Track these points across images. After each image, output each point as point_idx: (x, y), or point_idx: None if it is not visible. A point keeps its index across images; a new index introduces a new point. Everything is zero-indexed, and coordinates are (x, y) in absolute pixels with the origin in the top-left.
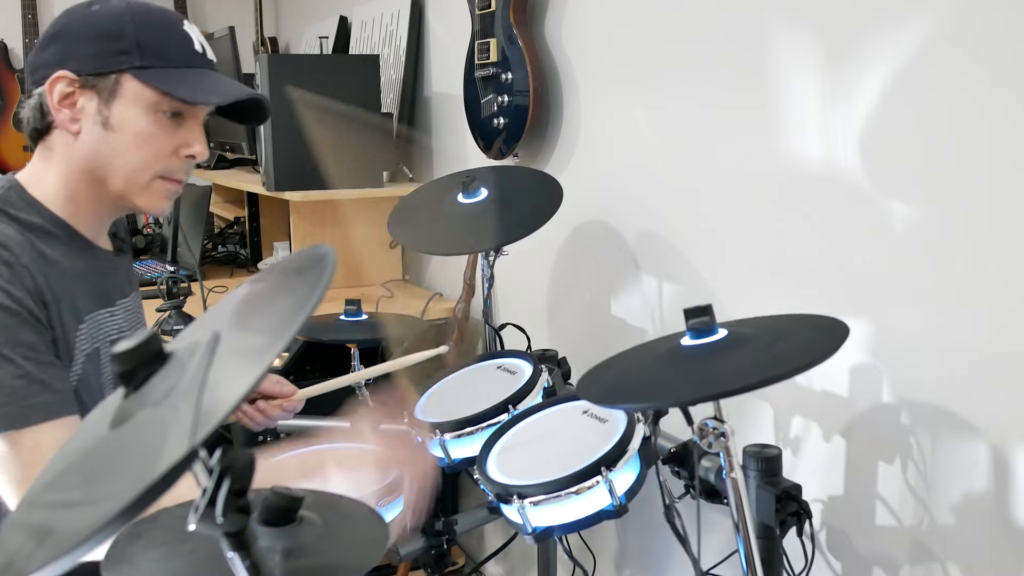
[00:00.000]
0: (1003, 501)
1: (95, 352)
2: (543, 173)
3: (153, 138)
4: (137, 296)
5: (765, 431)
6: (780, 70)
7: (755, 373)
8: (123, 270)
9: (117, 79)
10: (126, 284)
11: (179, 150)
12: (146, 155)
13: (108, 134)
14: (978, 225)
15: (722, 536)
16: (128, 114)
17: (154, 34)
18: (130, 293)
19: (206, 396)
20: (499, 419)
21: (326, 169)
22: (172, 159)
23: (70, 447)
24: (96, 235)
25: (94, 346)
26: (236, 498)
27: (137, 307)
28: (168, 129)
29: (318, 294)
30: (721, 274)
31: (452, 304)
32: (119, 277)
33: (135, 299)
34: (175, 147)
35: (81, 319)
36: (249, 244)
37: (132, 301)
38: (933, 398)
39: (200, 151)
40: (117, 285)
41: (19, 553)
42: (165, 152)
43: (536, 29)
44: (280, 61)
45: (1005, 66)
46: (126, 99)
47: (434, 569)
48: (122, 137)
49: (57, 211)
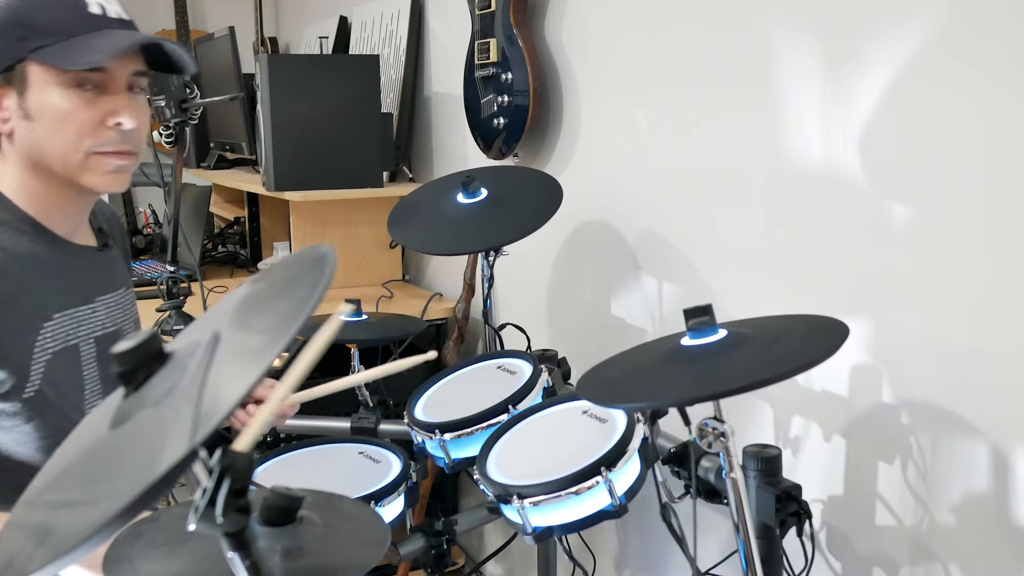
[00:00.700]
0: (1003, 501)
1: (70, 349)
2: (543, 173)
3: (72, 116)
4: (128, 291)
5: (765, 431)
6: (780, 70)
7: (755, 373)
8: (107, 265)
9: (23, 68)
10: (111, 279)
11: (105, 120)
12: (69, 135)
13: (32, 124)
14: (978, 225)
15: (722, 536)
16: (41, 99)
17: (44, 11)
18: (117, 288)
19: (206, 396)
20: (499, 419)
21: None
22: (100, 131)
23: (70, 447)
24: (71, 230)
25: (68, 343)
26: (236, 498)
27: (126, 302)
28: (87, 102)
29: (318, 294)
30: (721, 274)
31: (452, 304)
32: (100, 273)
33: (125, 294)
34: (99, 119)
35: (48, 316)
36: (249, 244)
37: (119, 297)
38: (933, 398)
39: (126, 119)
40: (98, 281)
41: (19, 553)
42: (88, 127)
43: (536, 29)
44: (280, 61)
45: (1004, 67)
46: (36, 85)
47: (434, 569)
48: (43, 123)
49: (24, 207)
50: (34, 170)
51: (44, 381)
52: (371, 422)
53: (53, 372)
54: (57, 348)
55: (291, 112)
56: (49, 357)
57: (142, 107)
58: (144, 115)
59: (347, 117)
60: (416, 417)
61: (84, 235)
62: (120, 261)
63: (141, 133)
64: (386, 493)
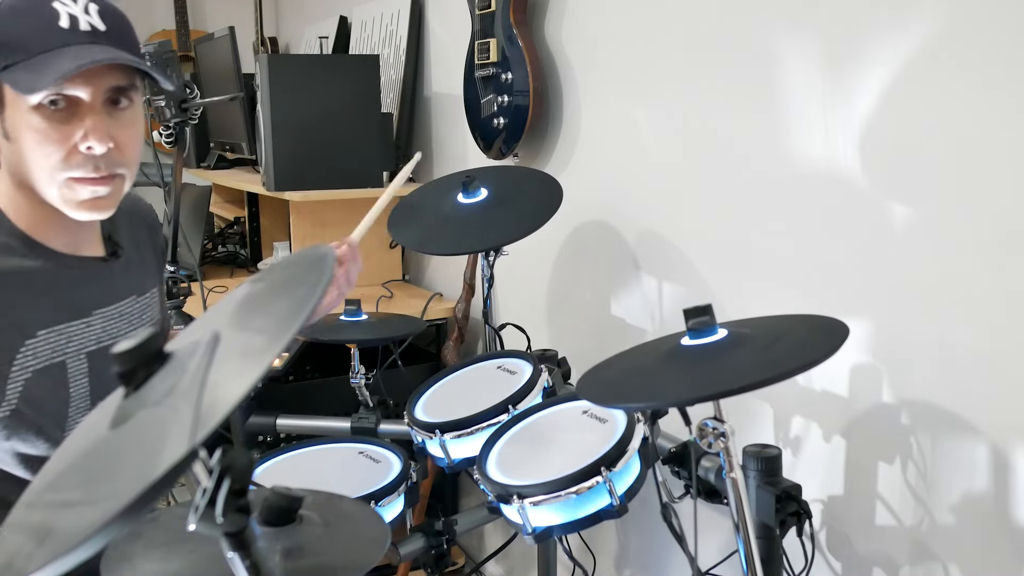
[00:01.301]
0: (1003, 501)
1: (55, 366)
2: (543, 173)
3: (44, 138)
4: (139, 299)
5: (765, 431)
6: (780, 70)
7: (755, 373)
8: (112, 275)
9: (1, 87)
10: (114, 290)
11: (78, 143)
12: (43, 158)
13: (11, 145)
14: (978, 225)
15: (722, 536)
16: (15, 120)
17: (15, 27)
18: (123, 298)
19: (206, 396)
20: (499, 419)
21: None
22: (72, 156)
23: (70, 447)
24: (72, 243)
25: (53, 360)
26: (236, 498)
27: (134, 311)
28: (59, 123)
29: (318, 294)
30: (721, 274)
31: (452, 304)
32: (102, 284)
33: (134, 303)
34: (72, 143)
35: (30, 334)
36: (249, 244)
37: (125, 307)
38: (933, 398)
39: (94, 142)
40: (98, 293)
41: (19, 553)
42: (61, 151)
43: (536, 29)
44: (280, 61)
45: (1003, 68)
46: (11, 105)
47: (434, 569)
48: (20, 145)
49: (15, 221)
50: (21, 188)
51: (21, 400)
52: (371, 422)
53: (32, 390)
54: (40, 366)
55: (291, 112)
56: (29, 376)
57: (126, 123)
58: (129, 130)
59: (347, 117)
60: (416, 417)
61: (90, 246)
62: (133, 267)
63: (125, 151)
64: (386, 493)
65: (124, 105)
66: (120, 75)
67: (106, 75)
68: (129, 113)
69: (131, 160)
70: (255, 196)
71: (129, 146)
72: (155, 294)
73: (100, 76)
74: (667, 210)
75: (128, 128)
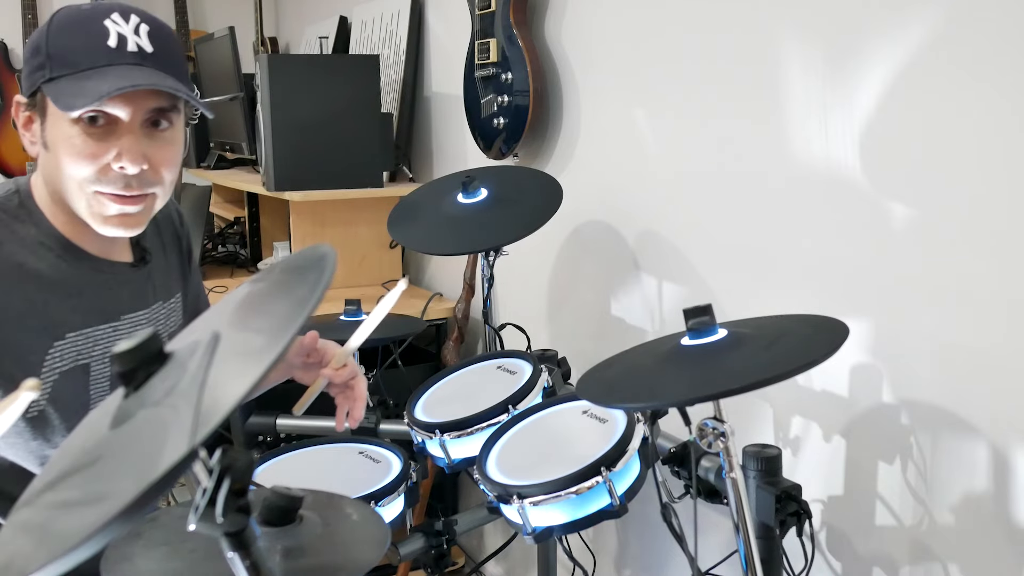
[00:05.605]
0: (1003, 501)
1: (79, 369)
2: (543, 173)
3: (80, 152)
4: (166, 304)
5: (765, 431)
6: (780, 70)
7: (755, 373)
8: (141, 281)
9: (42, 97)
10: (143, 296)
11: (112, 161)
12: (75, 171)
13: (49, 155)
14: (978, 225)
15: (722, 536)
16: (55, 131)
17: (64, 39)
18: (150, 304)
19: (206, 396)
20: (499, 419)
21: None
22: (106, 171)
23: (70, 447)
24: (105, 248)
25: (78, 362)
26: (236, 498)
27: (160, 317)
28: (96, 139)
29: (318, 294)
30: (721, 274)
31: (452, 304)
32: (131, 289)
33: (162, 308)
34: (106, 159)
35: (59, 336)
36: (249, 244)
37: (153, 312)
38: (933, 398)
39: (127, 162)
40: (127, 298)
41: (19, 553)
42: (94, 166)
43: (536, 29)
44: (280, 61)
45: (1003, 68)
46: (52, 116)
47: (434, 569)
48: (56, 156)
49: (53, 221)
50: (55, 196)
51: (49, 401)
52: (371, 422)
53: (59, 392)
54: (65, 368)
55: (291, 112)
56: (56, 377)
57: (164, 143)
58: (166, 151)
59: (347, 117)
60: (416, 417)
61: (121, 251)
62: (160, 273)
63: (160, 171)
64: (386, 493)
65: (164, 127)
66: (162, 97)
67: (148, 97)
68: (168, 134)
69: (166, 180)
70: (255, 196)
71: (165, 166)
72: (179, 299)
73: (141, 98)
74: (667, 210)
75: (165, 149)
